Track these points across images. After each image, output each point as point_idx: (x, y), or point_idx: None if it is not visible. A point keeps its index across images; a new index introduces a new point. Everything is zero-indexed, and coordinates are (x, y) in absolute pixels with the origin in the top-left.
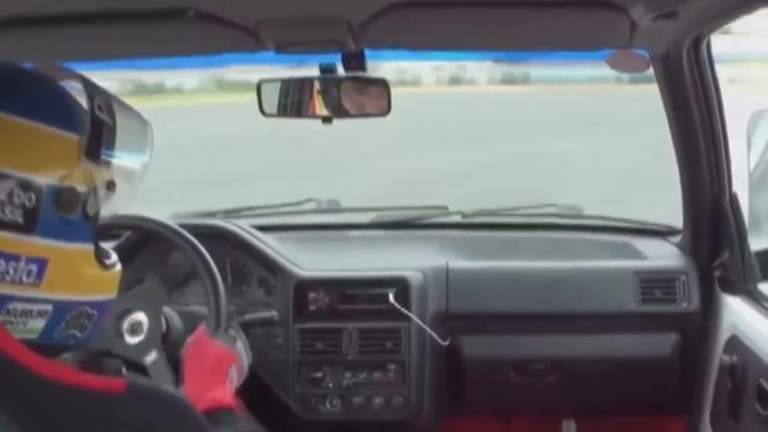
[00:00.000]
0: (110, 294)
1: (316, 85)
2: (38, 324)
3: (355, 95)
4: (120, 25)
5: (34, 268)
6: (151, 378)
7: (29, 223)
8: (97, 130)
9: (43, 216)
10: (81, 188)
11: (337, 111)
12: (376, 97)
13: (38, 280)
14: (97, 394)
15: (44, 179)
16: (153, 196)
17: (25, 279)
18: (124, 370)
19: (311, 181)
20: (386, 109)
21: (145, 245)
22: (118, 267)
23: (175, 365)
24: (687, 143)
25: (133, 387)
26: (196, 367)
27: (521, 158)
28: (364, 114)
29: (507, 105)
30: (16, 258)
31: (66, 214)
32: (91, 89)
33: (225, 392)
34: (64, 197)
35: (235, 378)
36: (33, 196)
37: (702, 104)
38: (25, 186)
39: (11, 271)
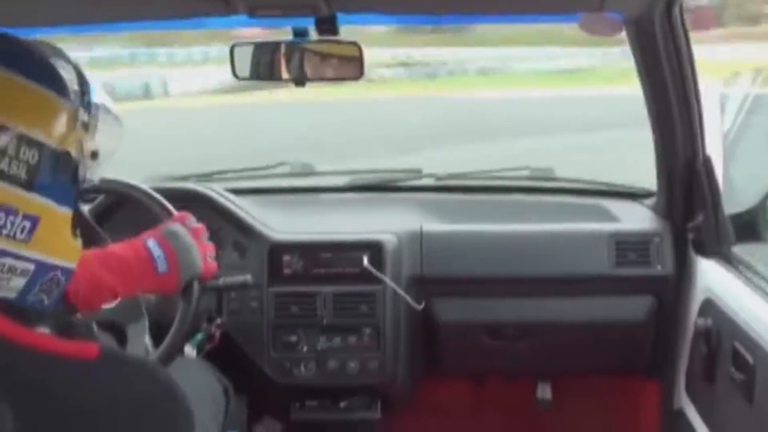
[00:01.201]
0: (75, 262)
1: (289, 49)
2: (20, 282)
3: (327, 59)
4: None
5: (27, 224)
6: (128, 341)
7: (31, 180)
8: (87, 102)
9: (42, 175)
10: (75, 153)
11: (309, 74)
12: (349, 60)
13: (29, 237)
14: (70, 360)
15: (46, 139)
16: None
17: (18, 235)
18: (95, 329)
19: None
20: (359, 73)
21: (118, 209)
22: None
23: (154, 328)
24: (660, 107)
25: (106, 353)
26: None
27: None
28: (336, 77)
29: None
30: (15, 213)
31: (62, 176)
32: (77, 66)
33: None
34: (62, 160)
35: (157, 251)
36: (36, 153)
37: (675, 68)
38: (30, 142)
39: (9, 226)
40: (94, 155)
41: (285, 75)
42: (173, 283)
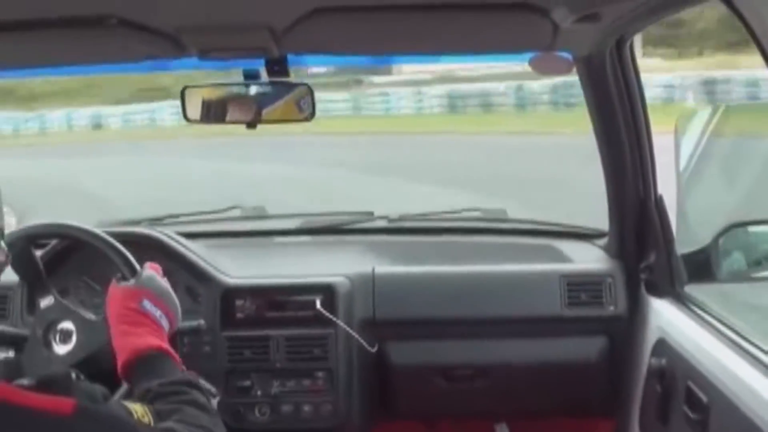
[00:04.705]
0: None
1: (240, 91)
2: None
3: (278, 100)
4: (43, 34)
5: None
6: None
7: None
8: None
9: None
10: None
11: (260, 117)
12: (300, 101)
13: None
14: (46, 415)
15: None
16: None
17: None
18: (74, 376)
19: None
20: (310, 114)
21: (71, 253)
22: None
23: (105, 372)
24: (612, 145)
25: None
26: (112, 322)
27: None
28: (287, 119)
29: None
30: None
31: None
32: None
33: (141, 336)
34: None
35: (156, 311)
36: None
37: (626, 106)
38: None
39: None
40: None
41: (236, 118)
42: (172, 335)
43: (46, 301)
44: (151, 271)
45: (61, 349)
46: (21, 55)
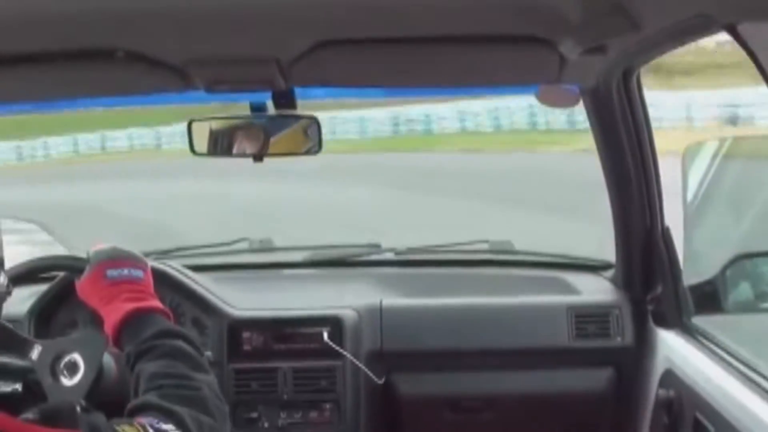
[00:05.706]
0: None
1: (247, 124)
2: None
3: (285, 133)
4: (50, 67)
5: None
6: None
7: None
8: None
9: None
10: None
11: (267, 149)
12: (307, 134)
13: None
14: None
15: None
16: None
17: None
18: (79, 410)
19: None
20: (317, 147)
21: (63, 300)
22: None
23: (110, 406)
24: (618, 177)
25: None
26: (100, 314)
27: None
28: (294, 152)
29: None
30: None
31: None
32: None
33: (116, 307)
34: None
35: (122, 271)
36: None
37: (632, 138)
38: None
39: None
40: None
41: (243, 150)
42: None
43: (35, 354)
44: (94, 248)
45: (68, 381)
46: (28, 89)
